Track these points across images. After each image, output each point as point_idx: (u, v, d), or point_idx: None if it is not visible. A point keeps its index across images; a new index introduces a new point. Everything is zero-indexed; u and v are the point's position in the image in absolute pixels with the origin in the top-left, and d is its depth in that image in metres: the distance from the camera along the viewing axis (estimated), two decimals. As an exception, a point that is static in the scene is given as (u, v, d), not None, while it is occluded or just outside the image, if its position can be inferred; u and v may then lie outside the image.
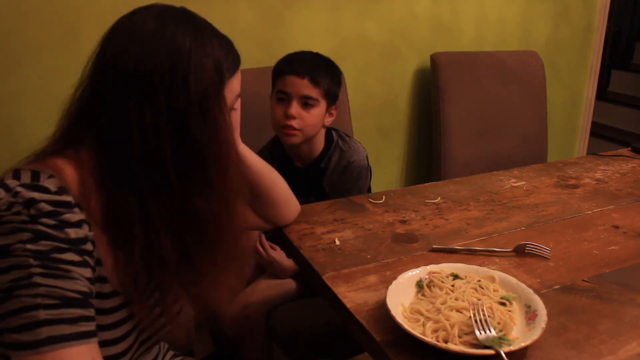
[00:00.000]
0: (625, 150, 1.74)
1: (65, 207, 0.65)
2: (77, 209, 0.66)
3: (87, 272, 0.65)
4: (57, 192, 0.65)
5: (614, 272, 1.00)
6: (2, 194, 0.63)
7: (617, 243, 1.11)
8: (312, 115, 1.36)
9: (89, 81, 0.73)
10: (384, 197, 1.31)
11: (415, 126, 2.25)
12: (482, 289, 0.87)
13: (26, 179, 0.65)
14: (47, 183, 0.65)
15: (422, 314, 0.82)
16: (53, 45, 1.56)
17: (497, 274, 0.91)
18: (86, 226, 0.66)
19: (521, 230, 1.16)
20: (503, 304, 0.84)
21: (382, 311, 0.85)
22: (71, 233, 0.64)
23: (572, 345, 0.79)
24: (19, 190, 0.63)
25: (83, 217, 0.66)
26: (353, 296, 0.90)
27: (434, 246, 1.07)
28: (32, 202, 0.62)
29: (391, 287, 0.86)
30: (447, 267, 0.93)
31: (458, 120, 2.11)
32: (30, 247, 0.61)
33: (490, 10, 2.27)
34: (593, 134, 2.93)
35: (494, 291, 0.88)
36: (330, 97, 1.39)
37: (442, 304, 0.83)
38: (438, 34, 2.18)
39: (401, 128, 2.23)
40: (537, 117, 2.32)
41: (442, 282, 0.88)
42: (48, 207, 0.63)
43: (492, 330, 0.76)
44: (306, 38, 1.91)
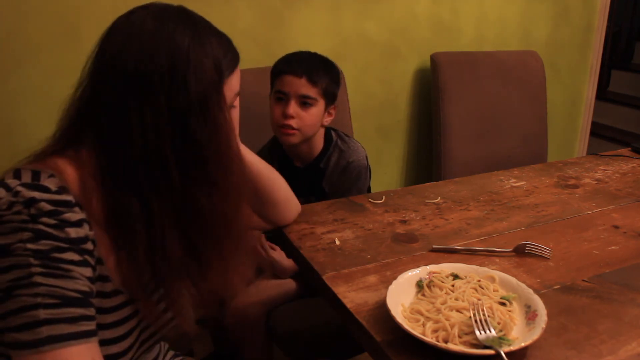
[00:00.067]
0: (625, 150, 1.74)
1: (66, 206, 0.65)
2: (77, 209, 0.66)
3: (88, 272, 0.66)
4: (58, 192, 0.65)
5: (614, 272, 1.00)
6: (2, 193, 0.63)
7: (617, 243, 1.11)
8: (311, 114, 1.36)
9: (88, 81, 0.73)
10: (384, 197, 1.31)
11: (415, 126, 2.25)
12: (482, 289, 0.87)
13: (27, 179, 0.65)
14: (48, 182, 0.65)
15: (422, 314, 0.82)
16: (53, 45, 1.56)
17: (497, 274, 0.91)
18: (86, 225, 0.66)
19: (521, 230, 1.16)
20: (503, 304, 0.84)
21: (382, 311, 0.85)
22: (71, 232, 0.64)
23: (572, 345, 0.79)
24: (19, 189, 0.63)
25: (83, 216, 0.66)
26: (353, 296, 0.90)
27: (434, 246, 1.07)
28: (32, 202, 0.62)
29: (391, 287, 0.86)
30: (447, 267, 0.93)
31: (458, 120, 2.11)
32: (31, 247, 0.61)
33: (490, 10, 2.27)
34: (593, 134, 2.93)
35: (494, 291, 0.88)
36: (328, 97, 1.39)
37: (442, 304, 0.83)
38: (438, 34, 2.18)
39: (401, 128, 2.23)
40: (537, 117, 2.32)
41: (442, 282, 0.88)
42: (48, 207, 0.63)
43: (492, 330, 0.76)
44: (306, 38, 1.91)
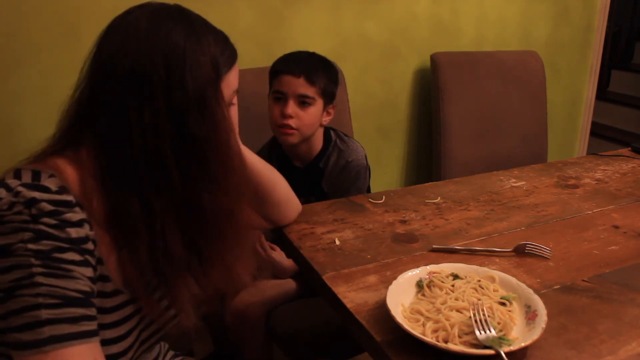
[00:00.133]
0: (625, 150, 1.74)
1: (66, 206, 0.65)
2: (77, 209, 0.66)
3: (89, 272, 0.66)
4: (58, 192, 0.65)
5: (614, 272, 1.00)
6: (3, 193, 0.63)
7: (617, 243, 1.11)
8: (309, 114, 1.36)
9: (87, 82, 0.73)
10: (384, 197, 1.31)
11: (415, 126, 2.25)
12: (482, 289, 0.87)
13: (27, 179, 0.65)
14: (48, 183, 0.65)
15: (422, 314, 0.82)
16: (53, 45, 1.56)
17: (497, 274, 0.91)
18: (87, 225, 0.67)
19: (521, 230, 1.16)
20: (503, 304, 0.84)
21: (382, 311, 0.85)
22: (72, 232, 0.64)
23: (572, 345, 0.79)
24: (20, 190, 0.63)
25: (84, 216, 0.66)
26: (353, 296, 0.90)
27: (434, 246, 1.07)
28: (33, 202, 0.63)
29: (391, 287, 0.86)
30: (447, 267, 0.93)
31: (458, 120, 2.11)
32: (32, 247, 0.61)
33: (490, 10, 2.27)
34: (593, 134, 2.94)
35: (494, 291, 0.88)
36: (327, 96, 1.39)
37: (442, 304, 0.83)
38: (438, 34, 2.18)
39: (401, 128, 2.23)
40: (537, 117, 2.32)
41: (442, 282, 0.88)
42: (49, 207, 0.63)
43: (492, 330, 0.76)
44: (306, 38, 1.91)
